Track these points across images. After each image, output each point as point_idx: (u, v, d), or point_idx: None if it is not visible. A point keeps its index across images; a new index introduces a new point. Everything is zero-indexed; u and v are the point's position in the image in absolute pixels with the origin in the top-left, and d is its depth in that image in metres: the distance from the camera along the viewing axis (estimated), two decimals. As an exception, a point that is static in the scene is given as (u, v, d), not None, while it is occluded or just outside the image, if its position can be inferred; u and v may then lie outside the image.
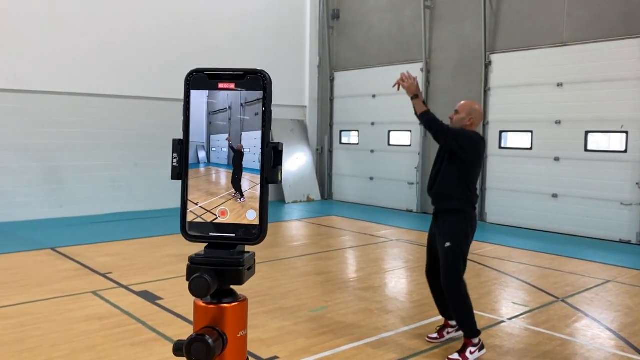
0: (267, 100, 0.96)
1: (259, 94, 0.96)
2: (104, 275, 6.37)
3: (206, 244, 0.98)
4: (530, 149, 10.24)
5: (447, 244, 4.17)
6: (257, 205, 0.96)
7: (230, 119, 0.97)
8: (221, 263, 0.95)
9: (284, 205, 12.91)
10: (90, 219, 10.29)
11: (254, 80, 0.96)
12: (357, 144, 13.60)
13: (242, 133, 0.97)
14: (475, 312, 5.17)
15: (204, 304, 0.96)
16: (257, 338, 4.47)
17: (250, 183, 0.96)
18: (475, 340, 4.15)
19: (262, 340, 4.45)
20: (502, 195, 10.69)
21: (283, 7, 13.49)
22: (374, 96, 13.03)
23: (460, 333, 4.32)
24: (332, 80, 14.09)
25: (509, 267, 7.24)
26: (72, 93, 10.44)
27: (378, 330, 4.80)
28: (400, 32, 12.42)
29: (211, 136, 0.98)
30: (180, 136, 0.98)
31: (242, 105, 0.97)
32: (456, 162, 4.14)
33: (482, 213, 11.00)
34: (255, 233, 0.96)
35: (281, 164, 0.96)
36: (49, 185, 10.33)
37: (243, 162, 0.97)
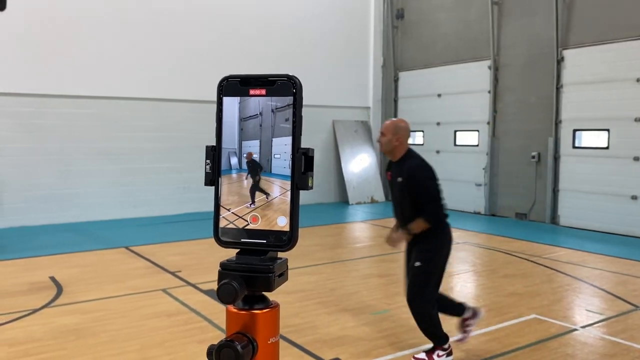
0: (297, 105, 0.95)
1: (289, 100, 0.95)
2: (173, 274, 6.60)
3: (238, 250, 0.98)
4: (607, 148, 9.71)
5: (417, 264, 4.04)
6: (288, 211, 0.95)
7: (261, 125, 0.97)
8: (251, 269, 0.95)
9: (348, 206, 12.91)
10: (162, 219, 10.70)
11: (285, 86, 0.96)
12: (422, 144, 13.38)
13: (273, 139, 0.96)
14: (546, 318, 4.98)
15: (235, 310, 0.96)
16: (318, 339, 4.50)
17: (281, 189, 0.95)
18: (445, 345, 4.09)
19: (323, 341, 4.47)
20: (577, 197, 10.20)
21: (346, 9, 13.50)
22: (439, 95, 12.79)
23: (476, 320, 4.29)
24: (396, 81, 13.95)
25: (583, 272, 6.90)
26: (147, 98, 10.90)
27: (442, 335, 4.69)
28: (467, 29, 12.13)
29: (242, 142, 0.98)
30: (213, 142, 1.00)
31: (272, 111, 0.96)
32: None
33: (555, 215, 10.55)
34: (286, 239, 0.95)
35: (312, 170, 0.95)
36: (124, 187, 10.84)
37: (272, 169, 0.96)
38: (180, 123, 11.29)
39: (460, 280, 6.62)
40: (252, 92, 0.97)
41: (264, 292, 0.97)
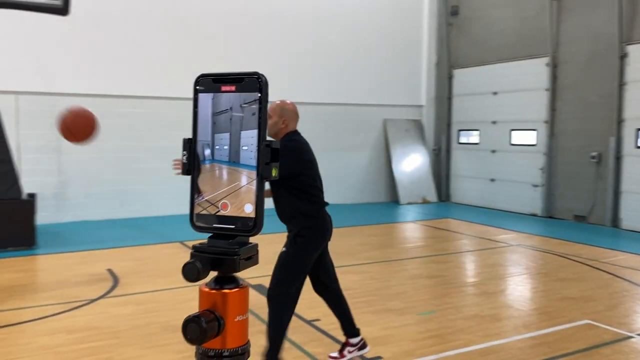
0: (262, 101, 1.02)
1: (256, 96, 1.02)
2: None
3: (210, 234, 1.05)
4: (674, 148, 9.21)
5: (284, 249, 3.91)
6: (254, 199, 1.01)
7: (231, 119, 1.03)
8: (219, 252, 1.03)
9: (398, 206, 12.80)
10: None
11: (252, 83, 1.03)
12: (477, 143, 13.12)
13: (241, 132, 1.02)
14: (599, 324, 4.80)
15: (206, 289, 1.03)
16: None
17: (248, 179, 1.01)
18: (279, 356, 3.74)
19: (367, 339, 4.46)
20: (640, 200, 9.73)
21: (399, 6, 13.39)
22: (495, 93, 12.49)
23: (362, 352, 4.02)
24: (450, 78, 13.72)
25: (644, 278, 6.58)
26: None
27: (489, 337, 4.60)
28: (524, 25, 11.78)
29: (215, 135, 1.05)
30: (189, 135, 1.07)
31: (241, 106, 1.03)
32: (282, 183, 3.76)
33: (616, 218, 10.09)
34: (251, 225, 1.02)
35: (277, 161, 1.01)
36: (181, 184, 11.14)
37: (240, 160, 1.02)
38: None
39: (512, 283, 6.45)
40: (223, 88, 1.04)
41: (233, 274, 1.04)
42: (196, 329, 0.97)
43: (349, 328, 4.03)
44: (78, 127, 5.53)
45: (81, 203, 10.28)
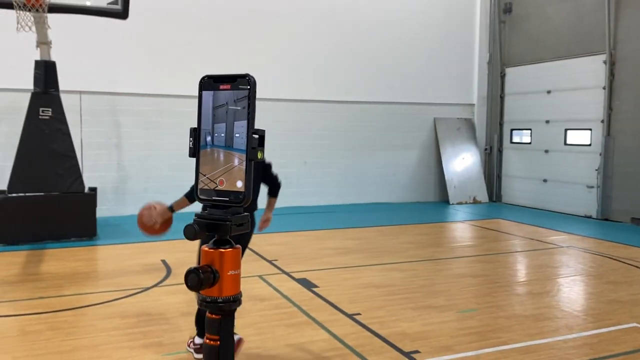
0: (251, 97, 1.25)
1: (245, 92, 1.25)
2: (270, 262, 6.98)
3: (210, 205, 1.31)
4: None
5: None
6: (244, 177, 1.25)
7: (227, 112, 1.27)
8: (215, 219, 1.28)
9: (448, 206, 12.71)
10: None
11: (242, 82, 1.25)
12: (530, 143, 12.84)
13: (235, 122, 1.26)
14: (623, 326, 4.69)
15: (206, 249, 1.30)
16: (401, 332, 4.59)
17: (240, 160, 1.26)
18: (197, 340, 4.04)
19: (405, 334, 4.55)
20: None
21: (451, 4, 13.27)
22: (549, 92, 12.20)
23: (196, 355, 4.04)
24: (502, 77, 13.49)
25: (701, 283, 6.33)
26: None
27: (530, 336, 4.58)
28: (580, 22, 11.45)
29: (214, 125, 1.29)
30: (195, 125, 1.34)
31: (234, 101, 1.27)
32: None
33: (676, 222, 9.67)
34: (241, 197, 1.26)
35: (263, 146, 1.25)
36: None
37: (234, 145, 1.27)
38: (282, 121, 11.77)
39: (558, 284, 6.35)
40: (221, 87, 1.27)
41: (228, 237, 1.29)
42: (195, 278, 1.24)
43: (200, 328, 4.08)
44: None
45: (140, 197, 10.76)
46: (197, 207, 2.29)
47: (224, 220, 1.29)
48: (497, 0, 13.46)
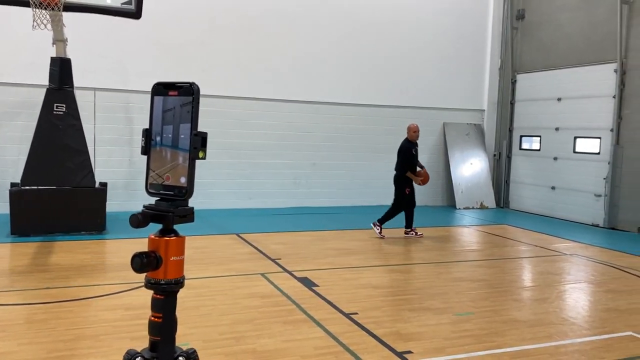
0: (194, 102, 1.41)
1: (190, 99, 1.42)
2: (273, 260, 7.10)
3: (158, 198, 1.46)
4: None
5: None
6: (187, 173, 1.42)
7: (174, 115, 1.44)
8: (160, 210, 1.45)
9: (454, 210, 12.75)
10: (272, 211, 11.37)
11: (187, 90, 1.42)
12: (539, 150, 12.84)
13: (180, 125, 1.43)
14: (618, 334, 4.73)
15: (153, 236, 1.47)
16: (395, 332, 4.67)
17: (184, 158, 1.43)
18: None
19: (399, 334, 4.63)
20: None
21: (463, 10, 13.31)
22: (559, 99, 12.19)
23: None
24: (513, 83, 13.50)
25: (702, 295, 6.33)
26: (265, 99, 11.65)
27: (523, 341, 4.65)
28: (592, 30, 11.44)
29: (163, 126, 1.46)
30: (146, 126, 1.50)
31: (180, 106, 1.43)
32: None
33: (683, 233, 9.64)
34: (184, 192, 1.44)
35: (205, 146, 1.42)
36: (241, 179, 11.68)
37: (179, 144, 1.43)
38: (292, 122, 11.91)
39: (557, 291, 6.38)
40: (170, 93, 1.45)
41: (173, 227, 1.47)
42: (138, 262, 1.42)
43: None
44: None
45: (148, 194, 10.95)
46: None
47: (168, 212, 1.45)
48: (510, 7, 13.48)
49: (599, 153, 11.31)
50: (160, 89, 1.47)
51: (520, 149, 13.36)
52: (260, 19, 11.50)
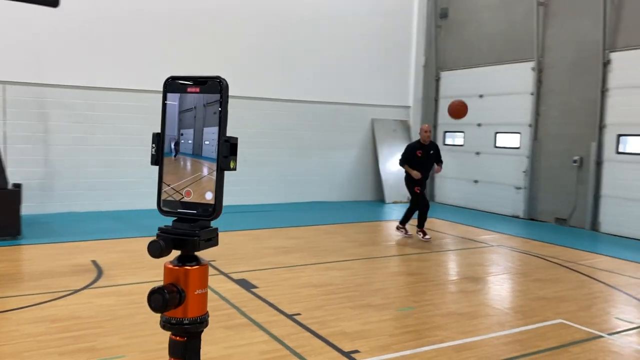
0: (223, 101, 1.14)
1: (217, 97, 1.14)
2: (208, 263, 6.82)
3: (175, 218, 1.18)
4: (653, 154, 9.43)
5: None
6: (214, 188, 1.15)
7: (195, 117, 1.16)
8: (182, 234, 1.16)
9: (383, 205, 12.95)
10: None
11: (214, 85, 1.15)
12: (462, 145, 13.29)
13: (204, 128, 1.16)
14: (572, 323, 4.96)
15: (170, 266, 1.17)
16: (340, 331, 4.62)
17: (209, 169, 1.15)
18: None
19: (345, 333, 4.58)
20: (619, 204, 9.94)
21: (389, 8, 13.50)
22: (481, 96, 12.66)
23: None
24: (437, 80, 13.88)
25: (618, 280, 6.76)
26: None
27: (464, 334, 4.73)
28: (511, 30, 11.96)
29: (181, 130, 1.18)
30: (159, 129, 1.20)
31: (204, 105, 1.16)
32: None
33: (596, 222, 10.31)
34: (211, 210, 1.15)
35: (235, 155, 1.15)
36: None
37: (203, 153, 1.16)
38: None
39: (489, 282, 6.60)
40: (189, 90, 1.16)
41: (195, 253, 1.17)
42: (159, 299, 1.11)
43: None
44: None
45: (67, 194, 10.29)
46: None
47: (193, 235, 1.17)
48: (434, 5, 13.83)
49: (518, 148, 11.86)
50: (176, 84, 1.18)
51: (445, 144, 13.76)
52: (187, 12, 11.07)
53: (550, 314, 5.32)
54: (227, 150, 1.15)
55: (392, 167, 13.45)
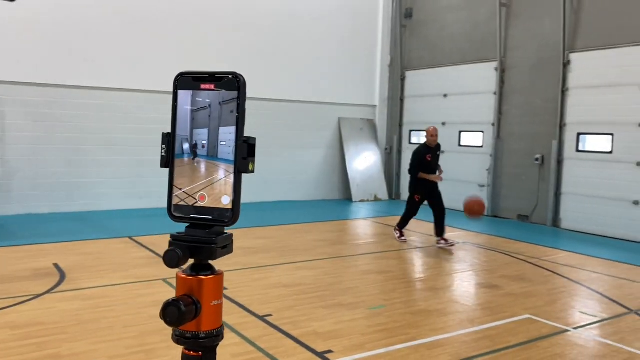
0: (240, 99, 1.07)
1: (234, 94, 1.07)
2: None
3: (188, 224, 1.10)
4: (611, 152, 9.73)
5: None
6: (231, 192, 1.07)
7: (210, 116, 1.09)
8: (197, 241, 1.08)
9: (351, 203, 12.99)
10: (165, 211, 10.79)
11: (231, 82, 1.07)
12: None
13: (220, 128, 1.08)
14: (539, 319, 5.05)
15: (184, 275, 1.09)
16: (313, 332, 4.59)
17: (226, 172, 1.08)
18: None
19: (318, 334, 4.56)
20: (579, 201, 10.23)
21: (354, 8, 13.55)
22: (445, 96, 12.83)
23: None
24: (402, 80, 14.00)
25: (580, 275, 6.95)
26: (155, 91, 10.95)
27: (435, 331, 4.77)
28: (475, 30, 12.15)
29: (193, 130, 1.10)
30: (169, 129, 1.11)
31: (220, 103, 1.08)
32: None
33: (557, 218, 10.58)
34: (228, 216, 1.07)
35: (254, 156, 1.07)
36: (130, 178, 10.96)
37: (218, 154, 1.08)
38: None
39: (458, 279, 6.69)
40: (203, 86, 1.08)
41: (210, 261, 1.09)
42: (175, 312, 1.02)
43: None
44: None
45: (26, 195, 9.94)
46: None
47: (210, 242, 1.08)
48: (398, 5, 13.94)
49: (482, 146, 12.07)
50: (189, 80, 1.10)
51: (410, 143, 13.89)
52: (150, 11, 10.84)
53: (518, 310, 5.42)
54: (246, 152, 1.07)
55: (359, 165, 13.51)
